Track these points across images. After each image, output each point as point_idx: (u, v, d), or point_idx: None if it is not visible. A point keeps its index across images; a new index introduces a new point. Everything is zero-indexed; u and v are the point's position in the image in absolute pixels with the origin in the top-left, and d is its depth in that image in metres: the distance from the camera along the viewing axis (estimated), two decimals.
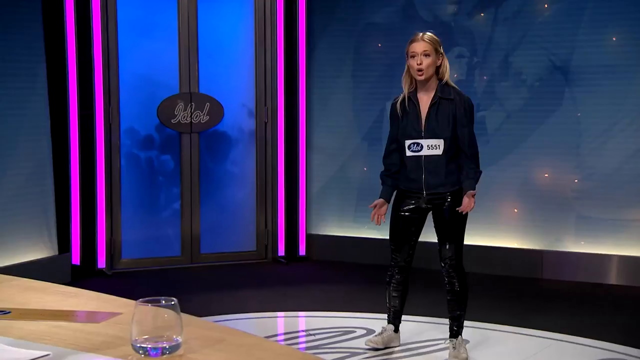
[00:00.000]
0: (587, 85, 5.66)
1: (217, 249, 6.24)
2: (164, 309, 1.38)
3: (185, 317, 1.43)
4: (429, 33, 3.70)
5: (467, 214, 3.76)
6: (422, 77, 3.66)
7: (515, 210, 5.91)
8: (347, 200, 6.42)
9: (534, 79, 5.81)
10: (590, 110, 5.66)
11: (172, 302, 1.38)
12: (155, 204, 6.12)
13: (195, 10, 6.07)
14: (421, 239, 3.92)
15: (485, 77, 5.97)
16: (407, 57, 3.69)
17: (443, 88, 3.69)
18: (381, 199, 3.87)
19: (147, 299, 1.38)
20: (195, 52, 6.08)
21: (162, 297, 1.38)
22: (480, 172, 3.80)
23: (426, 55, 3.62)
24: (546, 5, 5.74)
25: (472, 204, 3.72)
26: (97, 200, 5.80)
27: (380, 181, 3.94)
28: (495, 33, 5.91)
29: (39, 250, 5.47)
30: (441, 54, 3.69)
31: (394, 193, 3.88)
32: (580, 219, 5.70)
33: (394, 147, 3.83)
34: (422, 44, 3.64)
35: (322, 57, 6.44)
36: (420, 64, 3.62)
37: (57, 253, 5.59)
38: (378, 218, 3.86)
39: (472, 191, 3.71)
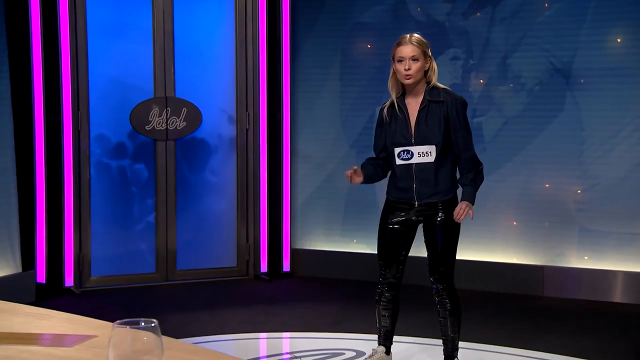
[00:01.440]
0: (591, 89, 5.72)
1: (195, 265, 6.27)
2: (144, 332, 1.38)
3: (165, 339, 1.44)
4: (416, 35, 3.72)
5: (459, 226, 3.79)
6: (410, 81, 3.69)
7: (514, 222, 5.97)
8: (334, 212, 6.45)
9: (533, 83, 5.87)
10: (594, 116, 5.71)
11: (152, 324, 1.39)
12: (128, 216, 6.13)
13: (171, 9, 6.10)
14: (413, 253, 3.94)
15: (481, 81, 6.03)
16: (393, 60, 3.71)
17: (431, 91, 3.72)
18: (360, 170, 3.80)
19: (125, 320, 1.39)
20: (171, 54, 6.10)
21: (142, 319, 1.39)
22: (482, 177, 3.77)
23: (414, 59, 3.66)
24: (546, 4, 5.79)
25: (467, 211, 3.70)
26: (65, 213, 5.80)
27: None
28: (493, 34, 5.96)
29: (1, 268, 5.46)
30: (429, 56, 3.73)
31: (366, 174, 3.82)
32: (583, 233, 5.76)
33: (383, 155, 3.85)
34: (409, 47, 3.67)
35: (307, 59, 6.48)
36: (409, 69, 3.65)
37: (20, 270, 5.58)
38: (351, 176, 3.79)
39: (465, 202, 3.74)
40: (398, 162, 3.76)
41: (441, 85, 3.77)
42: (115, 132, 6.07)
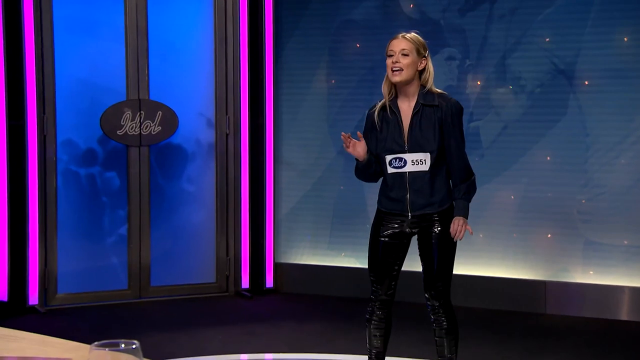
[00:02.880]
0: (595, 91, 5.75)
1: (171, 281, 6.26)
2: (124, 354, 1.39)
3: None
4: (413, 33, 3.76)
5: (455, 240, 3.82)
6: (398, 78, 3.68)
7: (514, 235, 5.98)
8: (321, 223, 6.45)
9: (534, 85, 5.89)
10: (599, 121, 5.74)
11: (133, 346, 1.40)
12: (98, 229, 6.11)
13: (145, 5, 6.09)
14: (406, 267, 3.94)
15: (479, 83, 6.06)
16: (386, 57, 3.74)
17: (425, 94, 3.73)
18: (365, 146, 3.77)
19: (103, 342, 1.40)
20: (144, 53, 6.10)
21: (121, 340, 1.40)
22: (474, 188, 3.82)
23: (404, 54, 3.67)
24: (548, 1, 5.86)
25: (465, 228, 3.77)
26: (29, 224, 5.79)
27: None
28: (491, 32, 5.99)
29: None
30: (425, 57, 3.74)
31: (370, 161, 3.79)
32: (588, 245, 5.78)
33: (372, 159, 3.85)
34: (401, 41, 3.69)
35: (292, 59, 6.48)
36: (397, 62, 3.66)
37: None
38: (347, 141, 3.74)
39: (460, 217, 3.78)
40: (390, 170, 3.76)
41: (437, 90, 3.79)
42: (84, 137, 6.06)
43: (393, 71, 3.68)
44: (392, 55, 3.69)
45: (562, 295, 5.81)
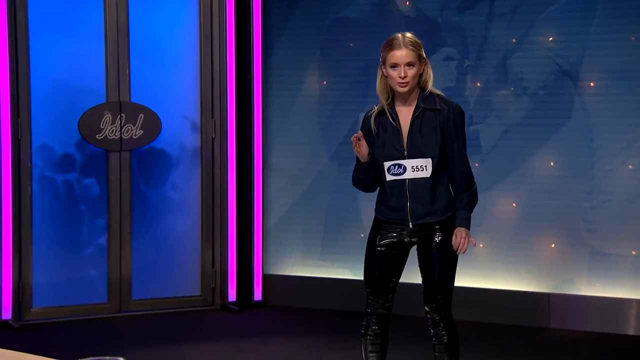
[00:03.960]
0: (602, 93, 5.74)
1: (153, 294, 6.24)
2: None
3: None
4: (409, 35, 3.73)
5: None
6: (405, 89, 3.71)
7: (516, 245, 5.96)
8: (313, 232, 6.43)
9: (537, 86, 5.89)
10: (606, 124, 5.73)
11: None
12: (76, 238, 6.08)
13: (126, 1, 6.08)
14: (404, 279, 3.92)
15: (478, 84, 6.06)
16: (385, 64, 3.71)
17: (426, 97, 3.74)
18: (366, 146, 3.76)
19: (89, 359, 1.40)
20: (125, 53, 6.09)
21: (107, 357, 1.40)
22: (476, 198, 3.81)
23: (410, 65, 3.68)
24: None
25: (468, 242, 3.74)
26: (2, 234, 5.75)
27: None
28: (491, 31, 5.98)
29: None
30: (424, 59, 3.75)
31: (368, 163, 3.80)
32: (594, 256, 5.77)
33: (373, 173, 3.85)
34: (404, 52, 3.67)
35: (281, 59, 6.47)
36: (405, 76, 3.67)
37: None
38: (356, 142, 3.73)
39: (462, 228, 3.77)
40: (388, 177, 3.76)
41: (436, 92, 3.79)
42: (61, 141, 6.04)
43: (400, 85, 3.69)
44: (396, 67, 3.68)
45: (566, 308, 5.81)
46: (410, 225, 3.77)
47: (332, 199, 6.39)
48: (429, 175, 3.72)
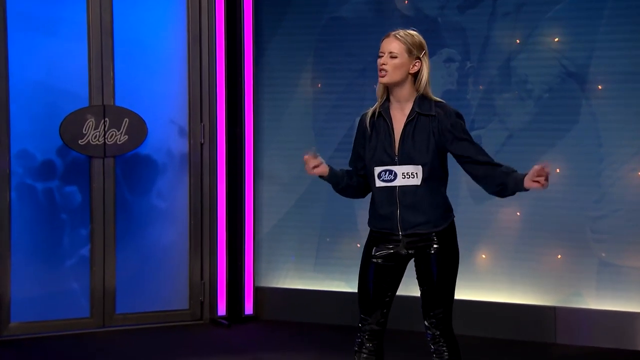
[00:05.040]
0: (610, 97, 5.74)
1: (138, 308, 6.23)
2: None
3: None
4: (408, 31, 3.76)
5: (457, 258, 3.77)
6: (383, 80, 3.72)
7: (521, 255, 5.94)
8: (307, 243, 6.43)
9: (542, 90, 5.89)
10: (614, 129, 5.73)
11: None
12: (57, 249, 6.07)
13: (110, 0, 6.09)
14: (401, 291, 3.91)
15: (481, 87, 6.04)
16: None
17: (421, 102, 3.74)
18: (324, 164, 3.86)
19: None
20: (109, 54, 6.09)
21: None
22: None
23: (393, 56, 3.69)
24: None
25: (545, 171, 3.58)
26: None
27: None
28: (494, 31, 5.98)
29: None
30: (419, 58, 3.74)
31: (336, 175, 3.87)
32: (603, 268, 5.76)
33: (361, 172, 3.86)
34: (391, 41, 3.71)
35: (274, 60, 6.47)
36: (384, 64, 3.70)
37: None
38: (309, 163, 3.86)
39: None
40: (378, 183, 3.76)
41: (435, 98, 3.78)
42: (42, 147, 6.03)
43: (379, 72, 3.73)
44: (381, 56, 3.73)
45: (573, 322, 5.80)
46: (400, 235, 3.75)
47: (327, 208, 6.38)
48: (419, 183, 3.71)
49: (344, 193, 3.95)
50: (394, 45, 3.70)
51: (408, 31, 3.76)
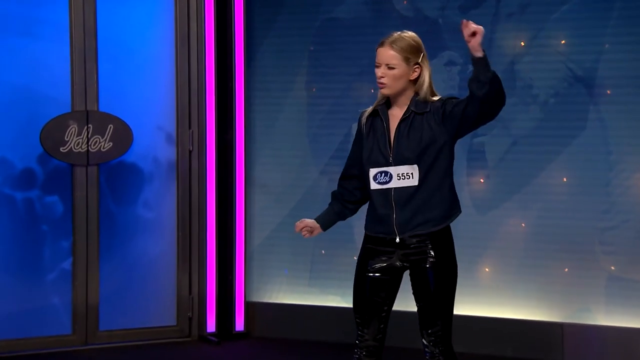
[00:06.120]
0: (619, 102, 5.72)
1: (123, 325, 6.22)
2: None
3: None
4: (404, 35, 3.75)
5: (456, 270, 3.76)
6: (384, 92, 3.77)
7: (526, 269, 5.92)
8: (301, 255, 6.42)
9: (548, 94, 5.87)
10: (623, 136, 5.71)
11: None
12: (37, 263, 6.05)
13: (94, 0, 6.09)
14: (398, 307, 3.90)
15: None
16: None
17: (419, 102, 3.76)
18: (314, 221, 4.00)
19: None
20: (93, 57, 6.09)
21: None
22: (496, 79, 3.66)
23: (390, 67, 3.71)
24: None
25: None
26: None
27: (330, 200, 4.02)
28: (497, 33, 5.97)
29: None
30: (418, 63, 3.75)
31: (337, 217, 3.98)
32: (612, 282, 5.73)
33: (355, 172, 3.89)
34: (386, 50, 3.72)
35: (266, 64, 6.47)
36: (382, 77, 3.73)
37: None
38: (302, 230, 4.05)
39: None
40: (374, 186, 3.78)
41: (433, 99, 3.78)
42: (21, 155, 6.03)
43: (379, 84, 3.77)
44: (378, 66, 3.75)
45: (581, 339, 5.78)
46: (397, 239, 3.75)
47: None
48: (416, 184, 3.73)
49: (348, 215, 4.03)
50: (390, 56, 3.71)
51: (403, 35, 3.76)
